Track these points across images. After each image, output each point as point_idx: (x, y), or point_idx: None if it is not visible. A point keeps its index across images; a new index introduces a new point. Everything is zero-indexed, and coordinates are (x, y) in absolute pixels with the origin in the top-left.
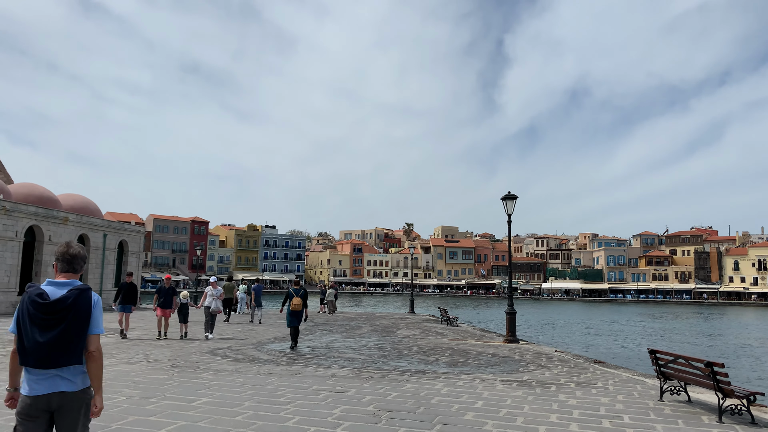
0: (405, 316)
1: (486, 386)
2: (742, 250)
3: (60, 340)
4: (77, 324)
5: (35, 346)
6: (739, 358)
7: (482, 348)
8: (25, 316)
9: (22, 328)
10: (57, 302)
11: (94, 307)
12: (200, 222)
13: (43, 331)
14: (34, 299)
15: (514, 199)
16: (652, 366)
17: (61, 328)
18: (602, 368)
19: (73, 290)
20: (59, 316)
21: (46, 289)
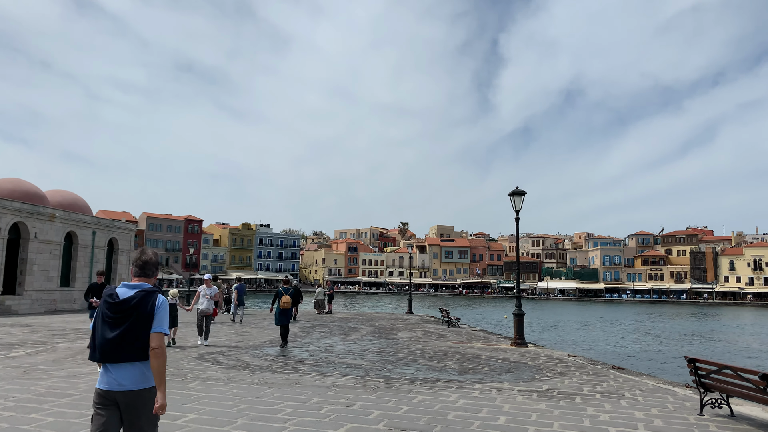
0: (404, 316)
1: (505, 398)
2: (737, 250)
3: (124, 337)
4: (141, 323)
5: (103, 341)
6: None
7: (490, 352)
8: (99, 314)
9: (96, 325)
10: (124, 302)
11: (158, 308)
12: (194, 220)
13: (111, 328)
14: (105, 299)
15: (522, 195)
16: (691, 376)
17: (125, 326)
18: (623, 375)
19: (139, 292)
20: (125, 315)
21: (118, 291)
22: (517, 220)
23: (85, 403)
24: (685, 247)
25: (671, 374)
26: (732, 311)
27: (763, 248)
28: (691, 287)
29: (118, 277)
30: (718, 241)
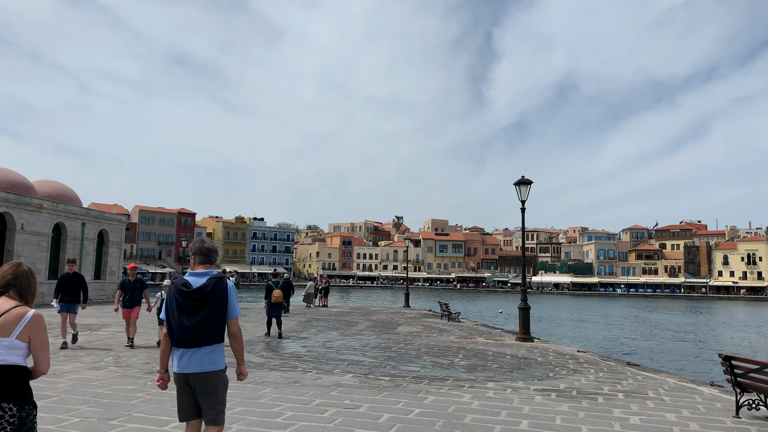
0: (401, 310)
1: (522, 398)
2: (731, 245)
3: (203, 323)
4: (217, 308)
5: (182, 329)
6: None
7: (496, 347)
8: (172, 302)
9: (170, 313)
10: (199, 290)
11: (230, 293)
12: (187, 214)
13: (189, 315)
14: (180, 288)
15: (528, 184)
16: (725, 375)
17: (204, 312)
18: (641, 372)
19: (211, 279)
20: (201, 302)
21: (189, 279)
22: (523, 210)
23: (62, 406)
24: (679, 242)
25: (686, 371)
26: (725, 306)
27: (756, 242)
28: (685, 281)
29: (108, 270)
30: (711, 235)
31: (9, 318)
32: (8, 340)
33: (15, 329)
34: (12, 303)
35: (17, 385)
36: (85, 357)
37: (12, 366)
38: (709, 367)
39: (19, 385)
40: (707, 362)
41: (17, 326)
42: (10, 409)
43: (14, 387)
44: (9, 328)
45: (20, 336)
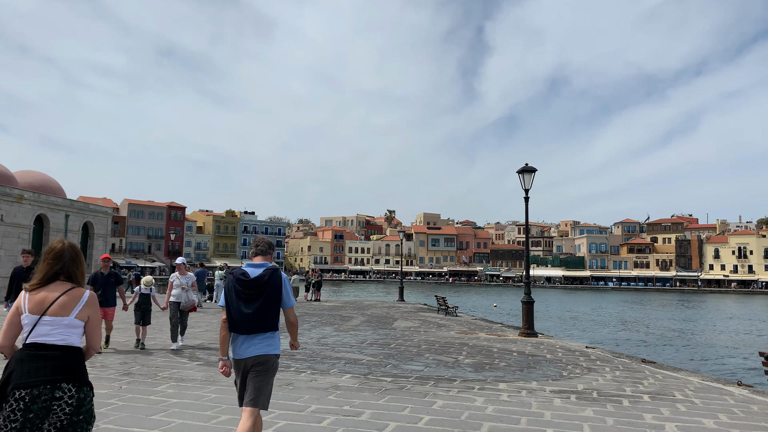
0: (395, 304)
1: (540, 402)
2: (722, 238)
3: (260, 311)
4: (273, 297)
5: (241, 316)
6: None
7: (501, 344)
8: (231, 291)
9: (229, 302)
10: (256, 279)
11: (284, 283)
12: (177, 207)
13: (247, 303)
14: (238, 278)
15: (533, 172)
16: (767, 375)
17: (261, 300)
18: (659, 371)
19: (267, 270)
20: (258, 291)
21: (247, 270)
22: (527, 199)
23: None
24: (670, 235)
25: (701, 368)
26: (716, 299)
27: (747, 236)
28: (677, 275)
29: (93, 264)
30: (703, 229)
31: (68, 298)
32: (68, 318)
33: (75, 309)
34: (67, 285)
35: (76, 366)
36: None
37: (71, 346)
38: (721, 363)
39: (77, 366)
40: (717, 357)
41: (77, 306)
42: (69, 389)
43: (73, 367)
44: (69, 308)
45: (79, 315)
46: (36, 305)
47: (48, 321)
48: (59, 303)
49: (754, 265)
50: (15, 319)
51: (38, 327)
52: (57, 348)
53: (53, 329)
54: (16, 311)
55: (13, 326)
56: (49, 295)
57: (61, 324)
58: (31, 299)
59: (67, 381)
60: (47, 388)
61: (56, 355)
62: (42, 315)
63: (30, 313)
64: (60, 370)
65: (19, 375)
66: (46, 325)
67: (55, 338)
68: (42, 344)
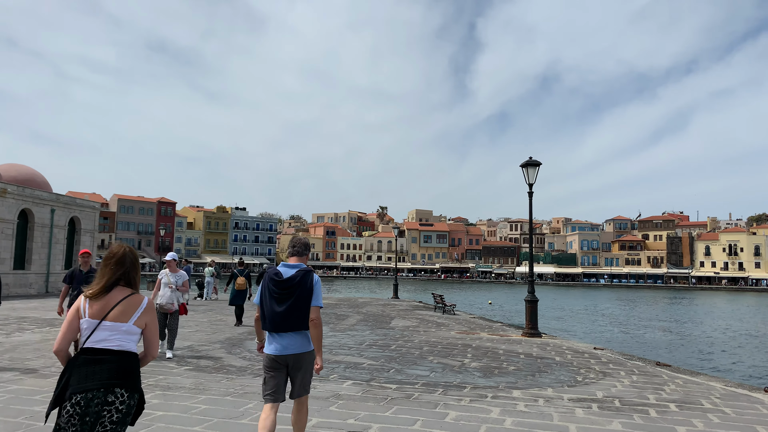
0: (390, 302)
1: (560, 412)
2: (713, 235)
3: (292, 310)
4: (304, 297)
5: (273, 314)
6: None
7: (505, 345)
8: (265, 290)
9: (263, 300)
10: (289, 280)
11: (315, 284)
12: (167, 203)
13: (279, 303)
14: (272, 277)
15: (537, 166)
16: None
17: (292, 300)
18: (678, 375)
19: (299, 271)
20: (290, 291)
21: (281, 270)
22: (531, 194)
23: None
24: (661, 232)
25: (708, 369)
26: (707, 296)
27: (737, 233)
28: (668, 272)
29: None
30: (693, 226)
31: (128, 304)
32: (126, 325)
33: (133, 315)
34: (127, 291)
35: (131, 372)
36: (34, 360)
37: (128, 352)
38: (731, 363)
39: (132, 372)
40: (722, 357)
41: (135, 312)
42: (122, 395)
43: (128, 373)
44: (128, 314)
45: (137, 322)
46: (97, 310)
47: (107, 326)
48: (119, 309)
49: (745, 262)
50: (74, 323)
51: (97, 332)
52: (114, 353)
53: (111, 334)
54: (75, 315)
55: (71, 330)
56: (109, 300)
57: (120, 330)
58: (91, 304)
59: (120, 386)
60: (101, 392)
61: (113, 360)
62: (102, 320)
63: (90, 318)
64: (115, 375)
65: (77, 380)
66: (105, 330)
67: (113, 344)
68: (99, 349)
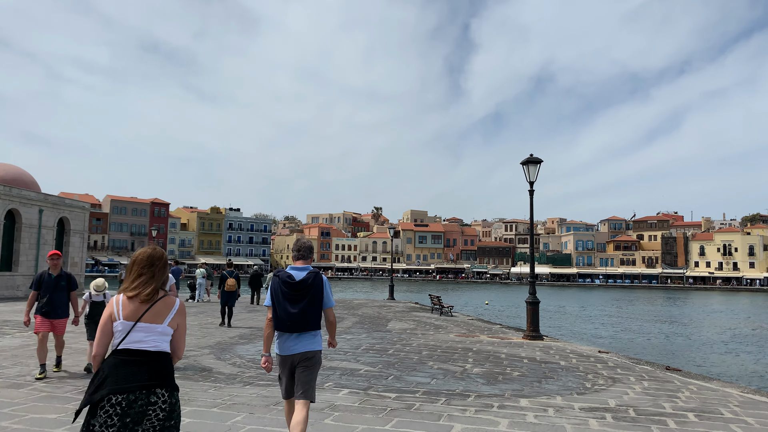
0: (386, 303)
1: (573, 424)
2: (707, 235)
3: (305, 311)
4: (316, 299)
5: (287, 315)
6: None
7: (507, 348)
8: (278, 293)
9: (275, 302)
10: (301, 282)
11: (325, 285)
12: (160, 204)
13: (292, 304)
14: (285, 280)
15: (538, 163)
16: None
17: (305, 301)
18: (690, 381)
19: (310, 273)
20: (303, 293)
21: (292, 273)
22: (532, 192)
23: None
24: (656, 233)
25: (710, 370)
26: (703, 296)
27: (732, 233)
28: (663, 272)
29: (70, 261)
30: (688, 226)
31: (161, 305)
32: (161, 326)
33: (167, 316)
34: (161, 292)
35: (168, 371)
36: (10, 367)
37: (163, 352)
38: (738, 366)
39: (169, 371)
40: (726, 359)
41: (169, 314)
42: (163, 395)
43: (166, 373)
44: (163, 315)
45: (171, 323)
46: (131, 312)
47: (143, 327)
48: (153, 310)
49: (739, 262)
50: (108, 326)
51: (132, 333)
52: (151, 354)
53: (147, 336)
54: (109, 319)
55: (107, 334)
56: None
57: (155, 331)
58: (125, 306)
59: (160, 386)
60: (143, 393)
61: (150, 361)
62: (137, 321)
63: (125, 320)
64: (155, 376)
65: (115, 380)
66: (140, 332)
67: (149, 344)
68: (136, 350)
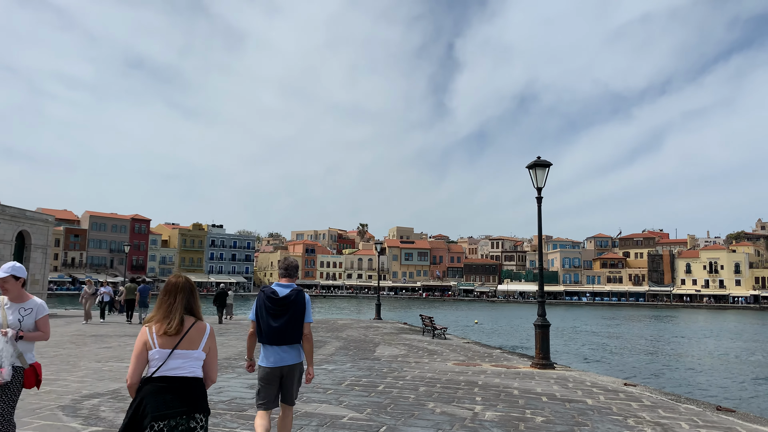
0: (373, 324)
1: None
2: (693, 253)
3: (286, 326)
4: (297, 314)
5: (270, 329)
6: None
7: (517, 381)
8: (262, 307)
9: (259, 316)
10: (284, 298)
11: (307, 302)
12: (141, 220)
13: (275, 318)
14: (269, 296)
15: (546, 167)
16: None
17: (287, 317)
18: (753, 425)
19: (294, 290)
20: (285, 308)
21: (276, 289)
22: (540, 200)
23: None
24: (642, 250)
25: (739, 405)
26: (689, 314)
27: (718, 251)
28: (649, 290)
29: (31, 279)
30: (674, 244)
31: (195, 332)
32: (197, 352)
33: (201, 342)
34: (192, 319)
35: (204, 396)
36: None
37: (198, 378)
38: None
39: (204, 396)
40: (749, 389)
41: (202, 339)
42: (201, 419)
43: (202, 398)
44: (197, 341)
45: (204, 347)
46: (167, 340)
47: (180, 354)
48: (188, 337)
49: (725, 279)
50: (143, 355)
51: (169, 361)
52: (189, 380)
53: (185, 362)
54: (143, 347)
55: (141, 362)
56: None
57: (192, 357)
58: (159, 334)
59: (199, 411)
60: (183, 419)
61: (189, 387)
62: (173, 349)
63: (161, 348)
64: (193, 401)
65: (156, 407)
66: (178, 359)
67: (186, 371)
68: (174, 377)
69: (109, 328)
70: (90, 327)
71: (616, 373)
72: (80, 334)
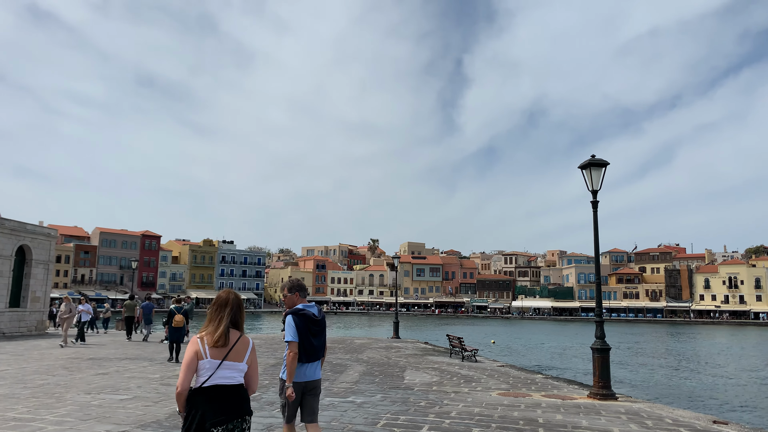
0: (392, 343)
1: None
2: (712, 268)
3: (323, 342)
4: (325, 332)
5: (312, 347)
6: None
7: (584, 419)
8: (304, 328)
9: (303, 336)
10: (323, 319)
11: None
12: (151, 236)
13: (315, 337)
14: (311, 318)
15: (603, 166)
16: None
17: (323, 335)
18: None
19: (320, 310)
20: (322, 328)
21: (312, 311)
22: (595, 204)
23: None
24: (659, 265)
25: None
26: (711, 330)
27: (737, 266)
28: (667, 306)
29: (31, 296)
30: (691, 258)
31: (241, 345)
32: (242, 364)
33: (246, 354)
34: (237, 333)
35: (249, 401)
36: None
37: (243, 385)
38: None
39: (249, 401)
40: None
41: (247, 352)
42: (248, 420)
43: (248, 402)
44: (242, 354)
45: (247, 360)
46: (217, 352)
47: (229, 365)
48: (235, 350)
49: (746, 295)
50: (194, 364)
51: (220, 371)
52: (237, 387)
53: (232, 372)
54: (195, 357)
55: (191, 370)
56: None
57: (238, 368)
58: (209, 346)
59: (248, 414)
60: (238, 421)
61: (238, 393)
62: (223, 360)
63: (212, 359)
64: (244, 405)
65: (214, 414)
66: (227, 369)
67: (235, 380)
68: (225, 386)
69: (109, 350)
70: (87, 349)
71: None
72: (76, 357)
